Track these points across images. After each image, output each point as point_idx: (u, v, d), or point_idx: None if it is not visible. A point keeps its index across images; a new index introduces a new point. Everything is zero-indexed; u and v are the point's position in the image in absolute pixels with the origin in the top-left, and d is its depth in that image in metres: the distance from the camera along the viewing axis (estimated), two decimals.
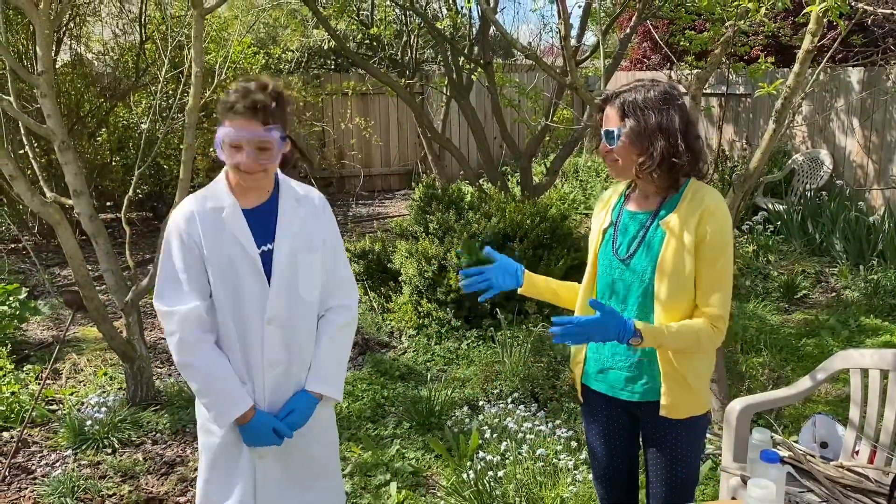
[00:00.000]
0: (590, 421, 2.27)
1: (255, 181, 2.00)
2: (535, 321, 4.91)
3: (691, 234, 1.97)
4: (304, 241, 2.09)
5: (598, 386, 2.18)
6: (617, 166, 2.05)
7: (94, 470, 3.60)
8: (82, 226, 3.97)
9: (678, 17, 5.89)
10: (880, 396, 2.65)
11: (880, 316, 5.40)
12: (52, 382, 4.59)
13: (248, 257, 2.02)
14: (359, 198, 11.01)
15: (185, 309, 1.99)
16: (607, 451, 2.25)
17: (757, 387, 4.08)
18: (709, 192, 2.03)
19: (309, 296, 2.10)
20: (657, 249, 2.00)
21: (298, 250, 2.07)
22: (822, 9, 2.72)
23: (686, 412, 2.07)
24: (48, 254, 7.86)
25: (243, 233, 2.02)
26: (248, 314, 2.04)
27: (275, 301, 2.04)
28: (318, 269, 2.11)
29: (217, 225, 2.02)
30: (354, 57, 6.82)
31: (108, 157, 8.32)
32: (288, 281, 2.05)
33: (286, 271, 2.05)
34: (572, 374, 2.29)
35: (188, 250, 2.01)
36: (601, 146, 2.07)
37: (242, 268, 2.02)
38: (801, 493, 2.43)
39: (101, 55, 8.85)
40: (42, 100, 3.67)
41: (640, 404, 2.11)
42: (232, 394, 2.02)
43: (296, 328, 2.09)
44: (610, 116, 2.04)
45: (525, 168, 6.39)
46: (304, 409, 2.11)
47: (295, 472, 2.18)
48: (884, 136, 7.34)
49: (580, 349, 2.23)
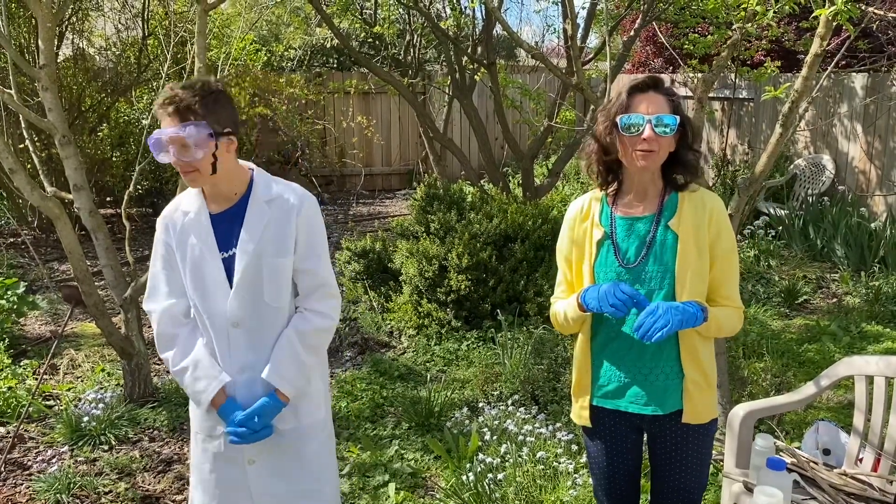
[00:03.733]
0: (595, 439, 2.20)
1: (192, 180, 1.99)
2: (536, 323, 4.89)
3: (705, 233, 1.97)
4: (272, 245, 2.04)
5: (616, 404, 2.10)
6: (653, 158, 1.92)
7: (91, 467, 3.57)
8: (82, 221, 3.95)
9: (682, 19, 5.88)
10: (885, 403, 2.63)
11: (881, 322, 5.38)
12: (49, 378, 4.57)
13: (210, 262, 2.04)
14: (359, 197, 10.99)
15: (162, 307, 2.10)
16: (614, 467, 2.19)
17: (758, 392, 4.06)
18: (705, 191, 2.03)
19: (275, 301, 2.06)
20: (672, 252, 1.98)
21: (264, 255, 2.03)
22: (832, 12, 2.69)
23: (707, 416, 2.06)
24: (47, 248, 7.84)
25: (206, 238, 2.05)
26: (214, 317, 2.07)
27: (236, 307, 2.04)
28: (286, 273, 2.07)
29: (185, 230, 2.07)
30: (357, 55, 6.81)
31: (109, 152, 8.30)
32: (251, 286, 2.04)
33: (249, 276, 2.03)
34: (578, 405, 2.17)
35: (164, 255, 2.11)
36: (647, 133, 1.89)
37: (207, 272, 2.05)
38: (804, 500, 2.41)
39: (103, 50, 8.83)
40: (43, 93, 3.65)
41: (657, 418, 2.06)
42: (203, 375, 2.07)
43: (262, 332, 2.08)
44: (658, 103, 1.91)
45: (527, 169, 6.38)
46: (269, 413, 2.06)
47: (288, 473, 2.16)
48: (886, 143, 7.33)
49: (585, 373, 2.14)
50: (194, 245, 2.05)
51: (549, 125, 6.00)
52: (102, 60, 8.82)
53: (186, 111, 1.90)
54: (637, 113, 1.90)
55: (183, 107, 1.90)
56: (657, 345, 2.01)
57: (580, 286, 2.09)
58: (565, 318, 2.10)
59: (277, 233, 2.04)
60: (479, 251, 5.03)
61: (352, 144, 11.10)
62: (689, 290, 1.96)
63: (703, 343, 2.03)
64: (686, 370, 2.01)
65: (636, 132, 1.90)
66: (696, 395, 2.02)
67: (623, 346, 2.05)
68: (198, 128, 1.90)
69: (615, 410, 2.11)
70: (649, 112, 1.90)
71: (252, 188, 2.07)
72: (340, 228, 8.77)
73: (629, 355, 2.05)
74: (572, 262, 2.12)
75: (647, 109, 1.91)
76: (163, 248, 2.11)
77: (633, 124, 1.90)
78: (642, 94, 1.93)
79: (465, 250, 5.00)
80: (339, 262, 5.93)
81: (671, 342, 2.02)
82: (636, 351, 2.03)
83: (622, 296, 1.88)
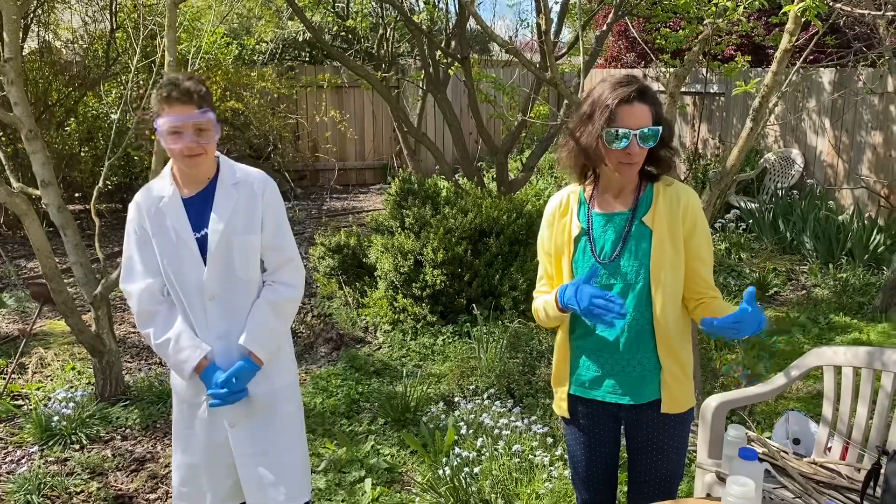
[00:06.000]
0: (573, 429, 2.22)
1: (197, 165, 2.16)
2: (511, 317, 4.90)
3: (679, 227, 1.99)
4: (240, 223, 2.22)
5: (592, 395, 2.12)
6: (634, 168, 1.95)
7: (62, 467, 3.52)
8: (50, 217, 3.87)
9: (654, 14, 5.93)
10: (853, 393, 2.68)
11: (849, 314, 5.48)
12: (17, 377, 4.49)
13: (185, 243, 2.20)
14: (333, 191, 10.93)
15: (139, 287, 2.23)
16: (592, 457, 2.22)
17: (730, 384, 4.11)
18: (680, 186, 2.05)
19: (245, 275, 2.26)
20: (647, 247, 2.00)
21: (234, 233, 2.21)
22: (801, 8, 2.73)
23: (685, 405, 2.09)
24: (14, 245, 7.70)
25: (181, 220, 2.21)
26: (191, 292, 2.23)
27: (210, 281, 2.22)
28: (255, 249, 2.26)
29: (159, 213, 2.22)
30: (330, 49, 6.76)
31: (77, 147, 8.16)
32: (223, 262, 2.22)
33: (221, 254, 2.21)
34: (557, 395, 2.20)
35: (139, 238, 2.24)
36: (633, 148, 1.89)
37: (182, 252, 2.21)
38: (775, 489, 2.45)
39: (70, 43, 8.67)
40: (9, 87, 3.58)
41: (634, 407, 2.09)
42: (186, 346, 2.21)
43: (235, 303, 2.26)
44: (644, 115, 1.90)
45: (501, 164, 6.38)
46: (246, 374, 2.23)
47: (265, 434, 2.31)
48: (853, 137, 7.45)
49: (563, 364, 2.16)
50: (169, 227, 2.20)
51: (523, 120, 6.01)
52: (69, 54, 8.66)
53: (201, 99, 2.10)
54: (624, 127, 1.89)
55: (198, 95, 2.10)
56: (633, 338, 2.03)
57: (560, 280, 2.10)
58: (546, 314, 2.12)
59: (245, 213, 2.23)
60: (454, 246, 5.03)
61: (325, 139, 11.02)
62: (664, 285, 1.98)
63: (679, 335, 2.05)
64: (663, 362, 2.04)
65: (621, 146, 1.90)
66: (675, 386, 2.05)
67: (600, 339, 2.07)
68: (213, 114, 2.13)
69: (592, 400, 2.13)
70: (635, 126, 1.89)
71: (219, 172, 2.26)
72: (314, 223, 8.70)
73: (606, 348, 2.07)
74: (552, 255, 2.13)
75: (634, 123, 1.89)
76: (137, 230, 2.23)
77: (619, 138, 1.89)
78: (629, 105, 1.89)
79: (441, 245, 5.00)
80: (313, 258, 5.90)
81: (647, 335, 2.04)
82: (613, 344, 2.06)
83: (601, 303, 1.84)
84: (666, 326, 2.01)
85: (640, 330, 2.03)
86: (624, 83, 1.92)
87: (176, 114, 2.08)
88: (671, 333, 2.03)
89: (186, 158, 2.13)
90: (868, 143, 7.31)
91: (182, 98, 2.08)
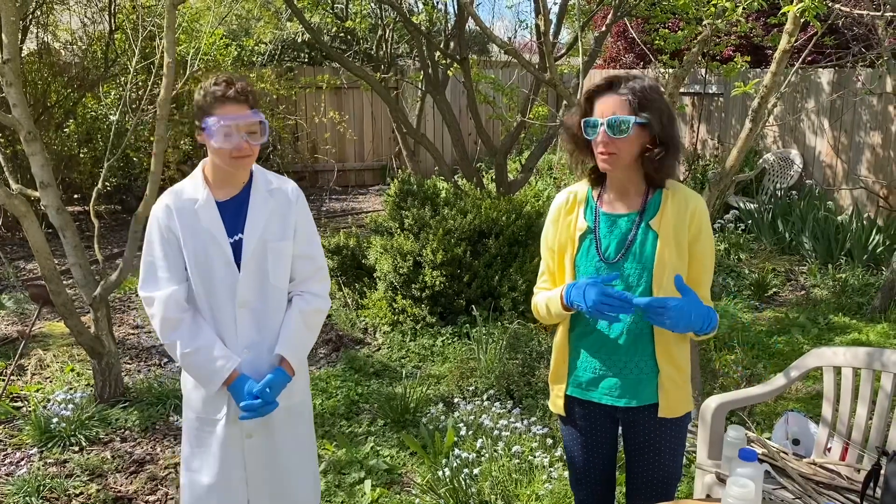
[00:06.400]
0: (570, 430, 2.22)
1: (244, 166, 2.13)
2: (511, 318, 4.90)
3: (685, 232, 1.98)
4: (275, 230, 2.19)
5: (589, 396, 2.12)
6: (614, 160, 1.93)
7: (61, 469, 3.51)
8: (49, 218, 3.87)
9: (653, 15, 5.93)
10: (852, 394, 2.68)
11: (848, 314, 5.48)
12: (16, 379, 4.48)
13: (220, 247, 2.14)
14: (332, 192, 10.93)
15: (164, 293, 2.13)
16: (590, 458, 2.21)
17: (730, 384, 4.11)
18: (689, 191, 2.03)
19: (279, 282, 2.21)
20: (651, 251, 1.99)
21: (269, 239, 2.17)
22: (800, 9, 2.73)
23: (682, 409, 2.08)
24: (13, 246, 7.69)
25: (215, 224, 2.14)
26: (221, 299, 2.16)
27: (244, 287, 2.16)
28: (288, 257, 2.22)
29: (192, 217, 2.14)
30: (329, 50, 6.76)
31: (76, 148, 8.15)
32: (258, 268, 2.17)
33: (256, 259, 2.16)
34: (554, 393, 2.20)
35: (166, 241, 2.14)
36: (600, 137, 1.90)
37: (215, 256, 2.14)
38: (774, 489, 2.45)
39: (69, 44, 8.66)
40: (7, 89, 3.57)
41: (631, 409, 2.08)
42: (217, 357, 2.13)
43: (267, 311, 2.21)
44: (613, 104, 1.90)
45: (500, 164, 6.38)
46: (279, 385, 2.18)
47: (281, 449, 2.27)
48: (852, 137, 7.46)
49: (562, 362, 2.16)
50: (203, 230, 2.14)
51: (522, 121, 6.01)
52: (68, 55, 8.66)
53: (254, 100, 2.10)
54: (593, 117, 1.94)
55: (252, 95, 2.10)
56: (633, 340, 2.03)
57: (562, 277, 2.10)
58: (548, 311, 2.11)
59: (280, 220, 2.20)
60: (454, 247, 5.03)
61: (324, 140, 11.02)
62: (666, 289, 1.97)
63: (677, 340, 2.04)
64: (661, 366, 2.03)
65: (593, 136, 1.94)
66: (672, 390, 2.05)
67: (599, 338, 2.07)
68: (262, 115, 2.12)
69: (589, 402, 2.13)
70: (604, 115, 1.91)
71: (253, 178, 2.22)
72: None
73: (604, 348, 2.07)
74: (555, 251, 2.13)
75: (602, 112, 1.92)
76: (165, 233, 2.14)
77: (590, 128, 1.94)
78: (598, 96, 1.94)
79: (440, 246, 5.00)
80: None
81: (646, 338, 2.03)
82: (611, 344, 2.05)
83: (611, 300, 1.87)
84: (665, 330, 2.01)
85: (639, 333, 2.03)
86: (604, 77, 1.97)
87: (230, 113, 2.05)
88: (670, 338, 2.02)
89: (234, 159, 2.08)
90: (867, 144, 7.31)
91: (237, 98, 2.05)
